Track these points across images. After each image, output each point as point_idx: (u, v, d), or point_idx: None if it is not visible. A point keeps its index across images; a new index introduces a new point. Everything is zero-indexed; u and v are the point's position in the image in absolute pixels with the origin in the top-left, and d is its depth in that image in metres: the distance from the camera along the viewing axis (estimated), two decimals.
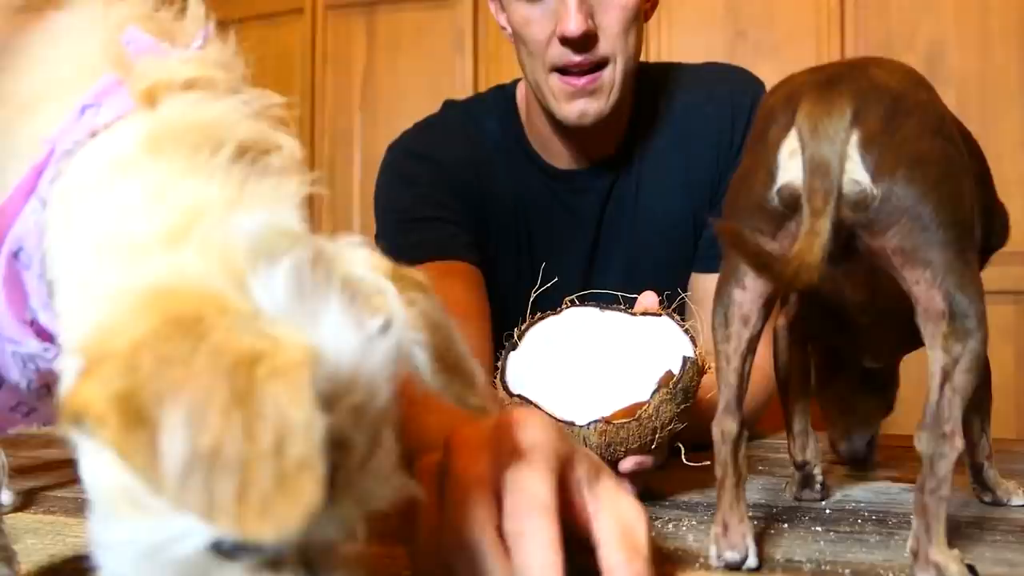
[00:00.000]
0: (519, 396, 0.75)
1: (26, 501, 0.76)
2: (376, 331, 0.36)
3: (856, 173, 0.54)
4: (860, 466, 0.84)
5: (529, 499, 0.46)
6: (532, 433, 0.50)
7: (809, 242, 0.53)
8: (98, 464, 0.35)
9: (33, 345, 0.46)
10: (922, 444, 0.53)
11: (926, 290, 0.53)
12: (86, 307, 0.37)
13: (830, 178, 0.53)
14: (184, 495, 0.29)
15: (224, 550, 0.33)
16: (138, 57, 0.44)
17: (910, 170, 0.53)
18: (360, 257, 0.39)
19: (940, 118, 0.57)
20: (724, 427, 0.60)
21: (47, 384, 0.48)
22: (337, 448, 0.32)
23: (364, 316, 0.36)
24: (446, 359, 0.41)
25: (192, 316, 0.31)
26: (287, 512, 0.29)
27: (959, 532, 0.64)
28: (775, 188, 0.56)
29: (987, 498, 0.74)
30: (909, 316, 0.55)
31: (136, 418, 0.29)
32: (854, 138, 0.54)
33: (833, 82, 0.56)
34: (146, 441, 0.29)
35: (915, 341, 0.59)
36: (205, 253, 0.35)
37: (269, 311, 0.33)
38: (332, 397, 0.32)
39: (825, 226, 0.53)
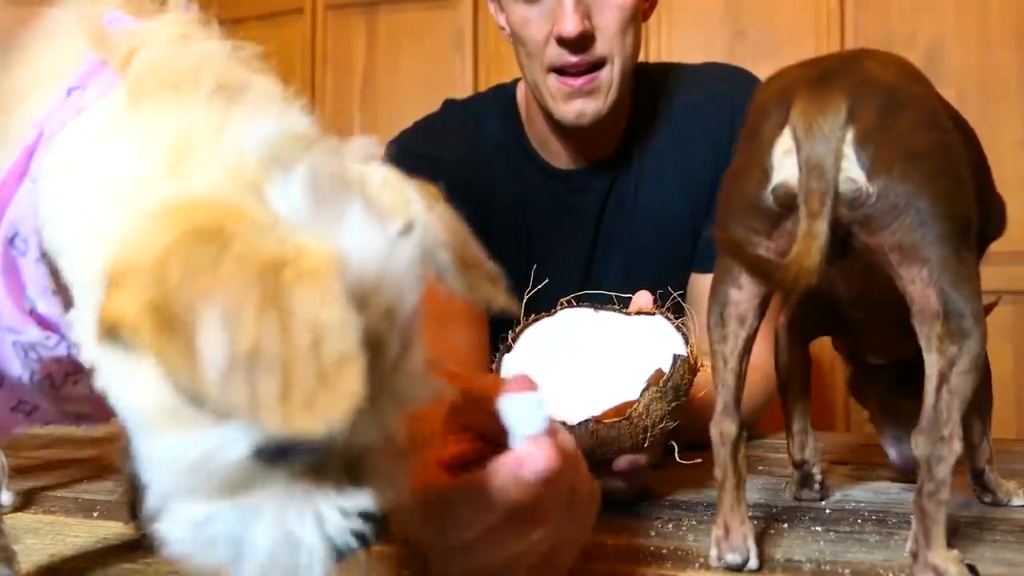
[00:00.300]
0: None
1: (26, 501, 0.76)
2: (399, 233, 0.36)
3: (852, 171, 0.53)
4: (911, 473, 0.79)
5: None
6: None
7: (807, 245, 0.52)
8: (135, 383, 0.35)
9: (34, 334, 0.45)
10: (920, 448, 0.53)
11: (921, 289, 0.53)
12: (100, 250, 0.37)
13: (826, 179, 0.53)
14: (227, 395, 0.29)
15: (268, 456, 0.34)
16: (117, 34, 0.44)
17: (906, 166, 0.53)
18: (374, 162, 0.40)
19: (934, 111, 0.56)
20: (723, 428, 0.59)
21: (50, 375, 0.48)
22: (370, 348, 0.32)
23: (386, 219, 0.36)
24: (466, 260, 0.42)
25: (213, 227, 0.32)
26: (332, 405, 0.29)
27: (959, 532, 0.64)
28: (770, 187, 0.56)
29: (987, 499, 0.74)
30: (903, 310, 0.55)
31: (171, 324, 0.29)
32: (849, 135, 0.53)
33: (827, 78, 0.55)
34: (183, 345, 0.29)
35: (915, 338, 0.59)
36: (211, 171, 0.35)
37: (288, 218, 0.33)
38: (361, 299, 0.32)
39: (823, 228, 0.52)
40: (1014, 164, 1.95)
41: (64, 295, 0.43)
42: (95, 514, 0.72)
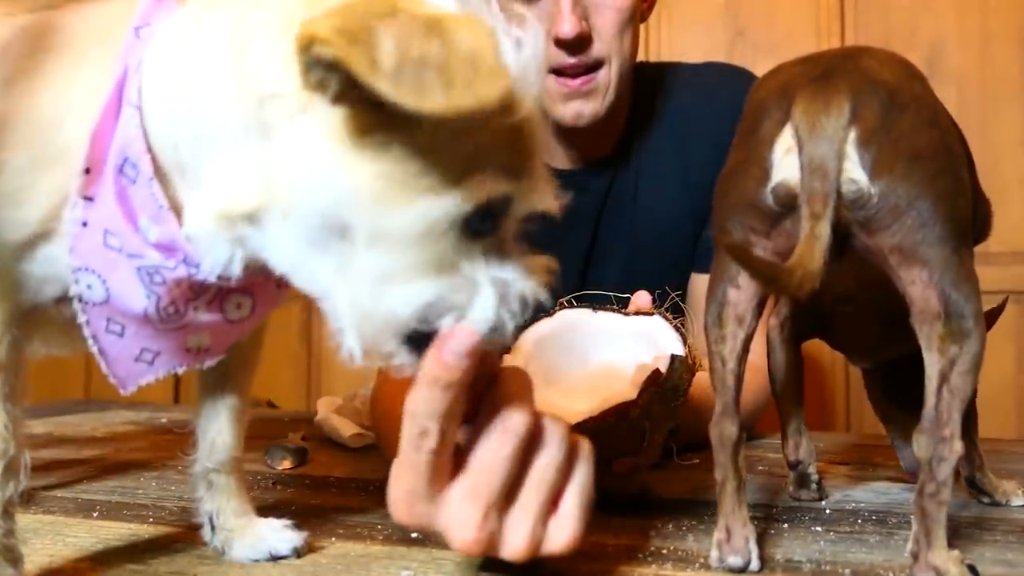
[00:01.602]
0: None
1: (26, 501, 0.76)
2: (530, 42, 0.44)
3: (854, 172, 0.52)
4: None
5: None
6: None
7: (809, 247, 0.52)
8: (352, 172, 0.42)
9: (155, 257, 0.48)
10: (921, 448, 0.53)
11: (922, 290, 0.53)
12: (249, 88, 0.45)
13: (829, 179, 0.52)
14: (399, 87, 0.36)
15: (471, 227, 0.43)
16: None
17: (907, 166, 0.52)
18: None
19: (935, 110, 0.56)
20: (723, 430, 0.59)
21: (174, 302, 0.50)
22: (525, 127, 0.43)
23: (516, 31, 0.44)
24: None
25: None
26: (489, 86, 0.37)
27: (959, 532, 0.64)
28: (769, 186, 0.55)
29: (986, 500, 0.74)
30: (890, 308, 0.55)
31: (355, 38, 0.37)
32: (852, 135, 0.53)
33: (828, 76, 0.55)
34: (364, 51, 0.37)
35: (902, 339, 0.58)
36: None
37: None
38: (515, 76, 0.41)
39: (825, 230, 0.52)
40: (1014, 164, 1.95)
41: (179, 215, 0.48)
42: (95, 514, 0.72)
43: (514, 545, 0.50)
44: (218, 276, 0.49)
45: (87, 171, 0.46)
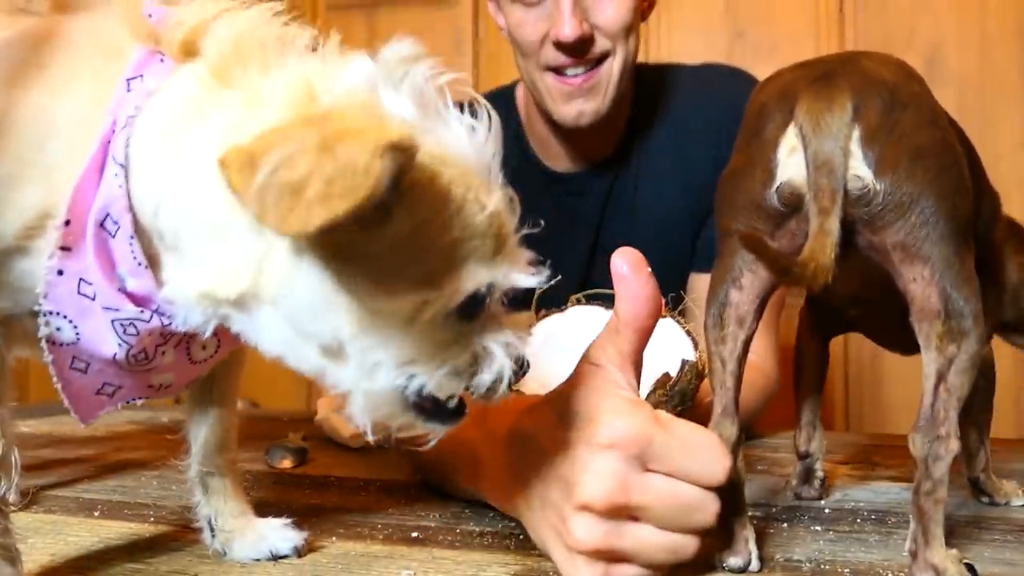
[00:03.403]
0: (517, 392, 0.75)
1: (27, 501, 0.76)
2: (484, 131, 0.46)
3: (859, 169, 0.53)
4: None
5: None
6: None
7: (820, 242, 0.52)
8: (337, 265, 0.42)
9: (130, 309, 0.49)
10: (916, 447, 0.53)
11: (923, 288, 0.53)
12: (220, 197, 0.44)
13: (836, 175, 0.52)
14: (262, 208, 0.37)
15: (463, 310, 0.44)
16: (161, 24, 0.49)
17: (911, 164, 0.52)
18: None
19: (934, 109, 0.56)
20: (722, 431, 0.59)
21: (144, 349, 0.51)
22: (496, 230, 0.45)
23: (471, 120, 0.45)
24: None
25: (321, 115, 0.41)
26: (342, 203, 0.36)
27: (958, 532, 0.65)
28: (774, 187, 0.55)
29: (985, 499, 0.74)
30: (899, 310, 0.55)
31: (250, 160, 0.37)
32: (856, 133, 0.53)
33: (829, 76, 0.55)
34: (248, 174, 0.37)
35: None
36: (334, 100, 0.43)
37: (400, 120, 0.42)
38: (471, 177, 0.43)
39: (835, 225, 0.52)
40: (1014, 164, 1.95)
41: (156, 269, 0.48)
42: (96, 513, 0.72)
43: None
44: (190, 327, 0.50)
45: (67, 223, 0.46)
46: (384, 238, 0.41)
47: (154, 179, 0.47)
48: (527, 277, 0.47)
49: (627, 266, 0.55)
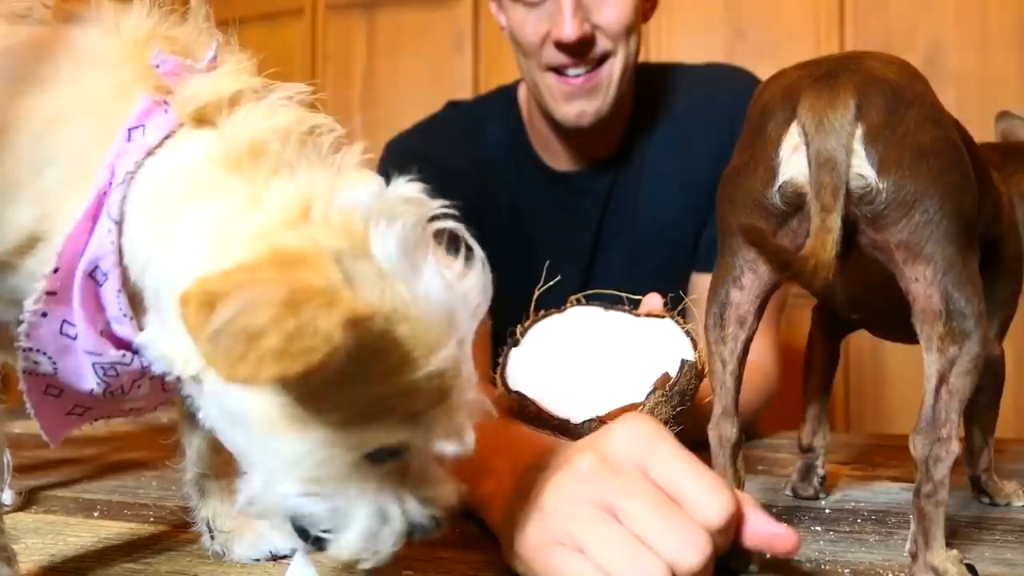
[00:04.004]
0: (517, 393, 0.75)
1: (26, 501, 0.76)
2: (459, 275, 0.45)
3: (862, 168, 0.53)
4: None
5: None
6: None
7: (822, 239, 0.52)
8: (254, 399, 0.43)
9: (112, 354, 0.49)
10: (917, 449, 0.53)
11: (924, 288, 0.53)
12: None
13: (838, 172, 0.52)
14: (215, 352, 0.36)
15: (372, 458, 0.44)
16: (170, 78, 0.48)
17: (915, 162, 0.52)
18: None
19: (938, 109, 0.56)
20: (722, 432, 0.59)
21: (121, 386, 0.52)
22: (451, 373, 0.43)
23: (449, 262, 0.45)
24: None
25: (295, 257, 0.40)
26: (289, 366, 0.36)
27: (958, 532, 0.64)
28: (776, 185, 0.55)
29: (985, 500, 0.74)
30: (900, 312, 0.55)
31: (210, 300, 0.36)
32: (859, 132, 0.53)
33: (832, 75, 0.55)
34: (205, 315, 0.36)
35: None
36: (327, 226, 0.42)
37: (382, 264, 0.42)
38: (438, 333, 0.42)
39: (836, 222, 0.52)
40: None
41: (140, 321, 0.49)
42: (95, 514, 0.72)
43: None
44: None
45: (56, 271, 0.47)
46: (314, 381, 0.40)
47: (145, 242, 0.47)
48: (448, 445, 0.45)
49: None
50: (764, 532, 0.51)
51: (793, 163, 0.54)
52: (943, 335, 0.52)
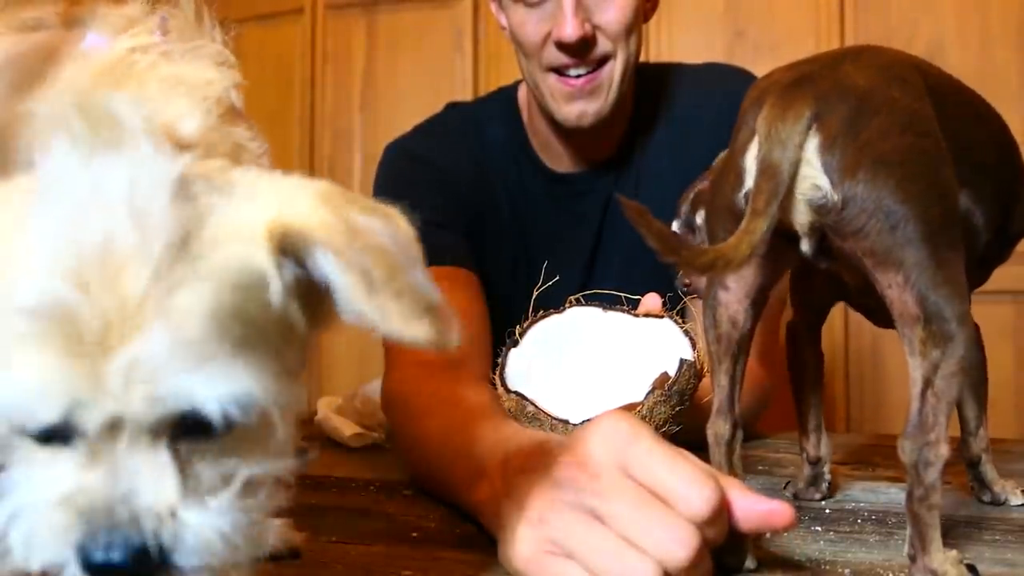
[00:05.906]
0: (516, 393, 0.75)
1: None
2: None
3: (817, 178, 0.53)
4: None
5: None
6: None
7: (739, 239, 0.52)
8: None
9: None
10: (905, 453, 0.53)
11: (899, 293, 0.52)
12: None
13: (776, 180, 0.53)
14: None
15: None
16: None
17: (872, 171, 0.52)
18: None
19: (911, 113, 0.56)
20: (717, 429, 0.60)
21: None
22: None
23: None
24: (380, 284, 0.37)
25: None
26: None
27: (957, 532, 0.64)
28: (742, 192, 0.56)
29: (985, 497, 0.73)
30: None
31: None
32: (814, 142, 0.53)
33: (798, 83, 0.55)
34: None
35: None
36: None
37: None
38: None
39: (762, 227, 0.52)
40: None
41: None
42: None
43: None
44: None
45: None
46: None
47: None
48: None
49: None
50: (757, 511, 0.51)
51: (755, 171, 0.55)
52: (924, 339, 0.52)
